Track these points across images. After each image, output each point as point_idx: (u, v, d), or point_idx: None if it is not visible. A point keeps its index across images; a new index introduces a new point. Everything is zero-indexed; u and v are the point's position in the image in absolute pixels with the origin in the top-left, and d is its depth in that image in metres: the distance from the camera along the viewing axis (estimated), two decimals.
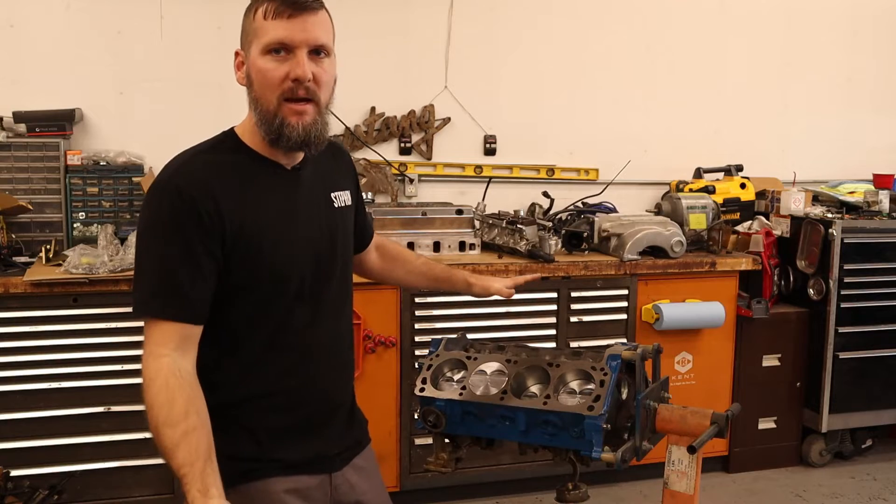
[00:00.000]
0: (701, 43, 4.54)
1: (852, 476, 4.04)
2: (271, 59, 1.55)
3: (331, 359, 1.74)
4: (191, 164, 1.58)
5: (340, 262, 1.75)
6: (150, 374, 1.46)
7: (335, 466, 1.73)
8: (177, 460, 1.40)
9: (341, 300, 1.77)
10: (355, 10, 3.92)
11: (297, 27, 1.53)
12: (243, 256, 1.56)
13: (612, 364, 1.62)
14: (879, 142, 4.90)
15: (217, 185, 1.54)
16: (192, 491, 1.38)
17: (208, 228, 1.52)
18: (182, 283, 1.50)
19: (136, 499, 3.23)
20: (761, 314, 3.89)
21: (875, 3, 4.84)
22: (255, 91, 1.58)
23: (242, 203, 1.56)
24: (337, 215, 1.75)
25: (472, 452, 1.81)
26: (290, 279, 1.62)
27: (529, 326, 3.61)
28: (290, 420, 1.66)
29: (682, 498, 1.62)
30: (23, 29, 3.64)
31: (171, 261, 1.50)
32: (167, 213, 1.52)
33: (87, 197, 3.50)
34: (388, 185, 4.04)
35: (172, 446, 1.41)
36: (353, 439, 1.81)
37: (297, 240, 1.63)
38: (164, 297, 1.50)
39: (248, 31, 1.60)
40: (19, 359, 3.08)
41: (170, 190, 1.53)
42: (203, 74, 3.81)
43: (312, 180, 1.70)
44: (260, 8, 1.56)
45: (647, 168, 4.44)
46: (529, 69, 4.28)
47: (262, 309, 1.61)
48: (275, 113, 1.56)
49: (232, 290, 1.57)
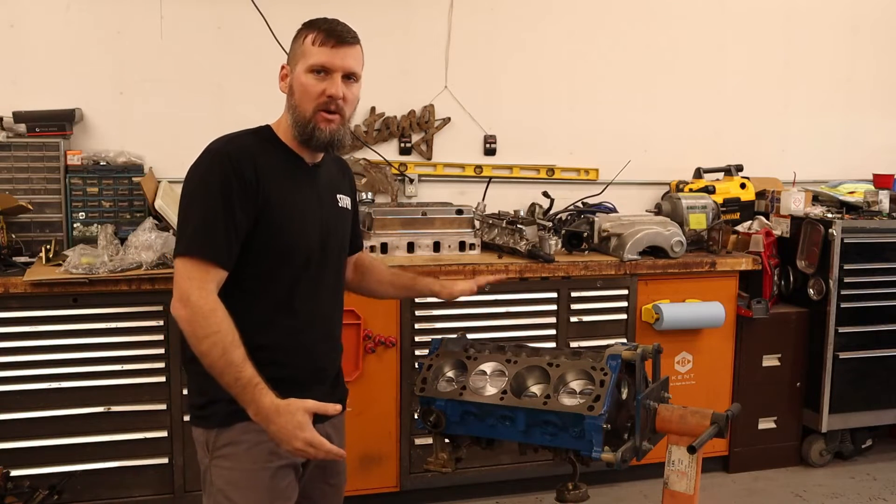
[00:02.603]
0: (701, 43, 4.54)
1: (852, 476, 4.04)
2: (313, 77, 1.91)
3: (325, 330, 2.04)
4: (239, 139, 1.93)
5: (338, 250, 2.07)
6: (210, 304, 1.76)
7: (323, 418, 1.88)
8: (247, 373, 1.71)
9: (336, 283, 2.08)
10: (355, 9, 3.90)
11: (337, 56, 1.91)
12: (267, 224, 1.87)
13: (612, 364, 1.63)
14: (879, 142, 4.90)
15: (258, 159, 1.88)
16: (265, 399, 1.70)
17: (247, 191, 1.83)
18: (222, 232, 1.81)
19: (136, 499, 3.23)
20: (761, 314, 3.89)
21: (875, 3, 4.84)
22: (294, 100, 1.93)
23: (273, 179, 1.89)
24: (340, 212, 2.09)
25: (472, 452, 1.82)
26: (298, 252, 1.92)
27: (529, 326, 3.60)
28: (284, 373, 1.87)
29: (682, 498, 1.62)
30: (23, 29, 3.64)
31: (216, 213, 1.81)
32: (218, 173, 1.83)
33: (87, 197, 3.50)
34: (388, 185, 4.04)
35: (242, 361, 1.72)
36: (339, 396, 2.08)
37: (309, 221, 1.95)
38: (208, 240, 1.80)
39: (296, 51, 1.95)
40: (19, 359, 3.08)
41: (221, 155, 1.86)
42: (203, 74, 3.81)
43: (325, 179, 2.06)
44: (310, 35, 1.92)
45: (647, 168, 4.44)
46: (529, 69, 4.28)
47: (274, 273, 1.90)
48: (310, 119, 1.92)
49: (252, 251, 1.87)
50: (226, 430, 1.88)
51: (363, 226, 3.61)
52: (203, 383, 1.88)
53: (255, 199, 1.85)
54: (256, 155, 1.89)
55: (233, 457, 1.89)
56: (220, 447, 1.90)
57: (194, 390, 1.97)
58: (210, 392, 1.86)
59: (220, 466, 1.90)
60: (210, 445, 1.91)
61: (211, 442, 1.91)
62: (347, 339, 3.32)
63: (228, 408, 1.82)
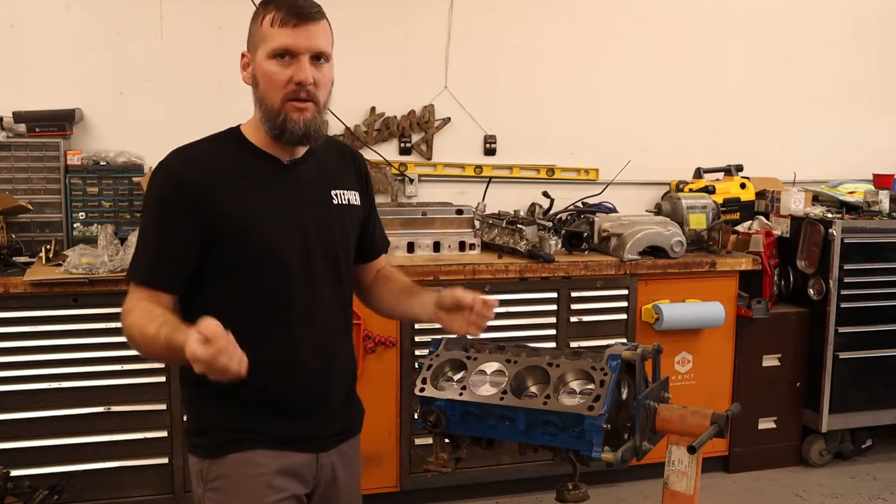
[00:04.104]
0: (701, 43, 4.54)
1: (852, 476, 4.04)
2: (276, 63, 1.68)
3: (321, 348, 1.79)
4: (191, 149, 1.75)
5: (333, 255, 1.80)
6: (128, 308, 1.66)
7: (325, 447, 1.80)
8: (162, 333, 1.55)
9: (337, 293, 1.82)
10: (355, 9, 3.92)
11: (301, 35, 1.67)
12: (225, 237, 1.69)
13: (612, 364, 1.62)
14: (879, 142, 4.90)
15: (208, 170, 1.70)
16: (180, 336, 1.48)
17: (189, 207, 1.66)
18: (159, 255, 1.69)
19: (136, 499, 3.23)
20: (761, 314, 3.89)
21: (875, 3, 4.83)
22: (260, 91, 1.72)
23: (233, 189, 1.70)
24: (335, 211, 1.82)
25: (472, 452, 1.81)
26: (274, 262, 1.71)
27: (529, 326, 3.60)
28: (282, 399, 1.74)
29: (682, 498, 1.62)
30: (23, 29, 3.63)
31: (153, 234, 1.70)
32: (156, 191, 1.70)
33: (87, 197, 3.50)
34: (388, 185, 4.04)
35: (156, 329, 1.56)
36: (347, 423, 1.89)
37: (284, 226, 1.73)
38: (145, 264, 1.70)
39: (255, 35, 1.72)
40: (19, 359, 3.08)
41: (162, 170, 1.71)
42: (203, 74, 3.81)
43: (311, 176, 1.80)
44: (267, 15, 1.69)
45: (647, 168, 4.44)
46: (529, 69, 4.28)
47: (248, 289, 1.72)
48: (279, 111, 1.69)
49: (219, 269, 1.71)
50: (218, 461, 1.74)
51: None
52: (196, 409, 1.79)
53: (202, 214, 1.67)
54: (207, 165, 1.71)
55: (225, 490, 1.74)
56: (213, 479, 1.75)
57: (190, 416, 1.84)
58: (201, 420, 1.77)
59: (212, 500, 1.75)
60: (203, 476, 1.77)
61: (204, 472, 1.77)
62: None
63: (220, 437, 1.73)
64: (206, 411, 1.74)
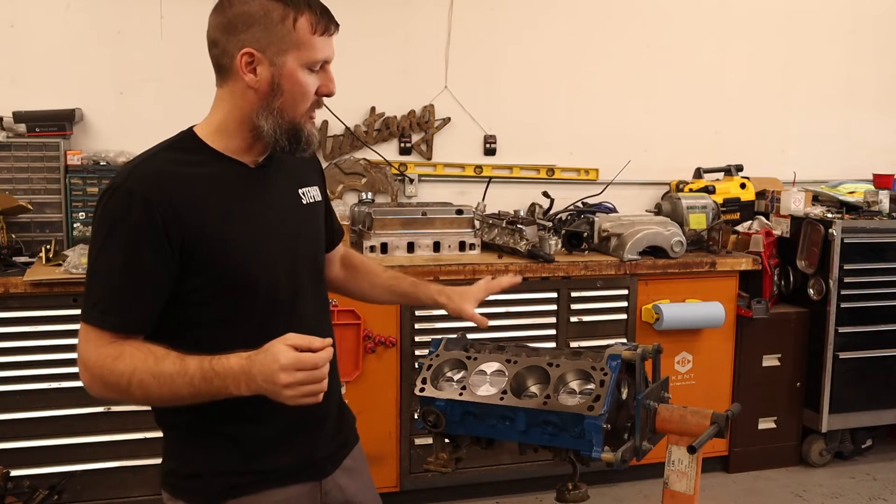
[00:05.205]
0: (701, 43, 4.54)
1: (852, 476, 4.04)
2: (312, 74, 1.54)
3: None
4: (149, 163, 1.54)
5: (313, 259, 1.71)
6: (112, 354, 1.43)
7: (325, 471, 1.72)
8: (191, 368, 1.39)
9: (320, 298, 1.75)
10: (356, 10, 3.92)
11: (332, 45, 1.56)
12: (208, 261, 1.50)
13: (612, 364, 1.62)
14: (879, 142, 4.90)
15: (174, 185, 1.49)
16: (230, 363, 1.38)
17: (162, 234, 1.45)
18: (123, 292, 1.46)
19: (136, 499, 3.23)
20: (761, 314, 3.89)
21: (875, 3, 4.84)
22: (282, 100, 1.53)
23: (204, 206, 1.50)
24: (307, 212, 1.71)
25: (472, 452, 1.81)
26: (261, 281, 1.56)
27: (529, 326, 3.61)
28: (275, 428, 1.60)
29: (682, 498, 1.62)
30: (23, 29, 3.64)
31: (115, 269, 1.45)
32: (116, 217, 1.45)
33: (87, 197, 3.50)
34: (388, 185, 4.04)
35: (179, 366, 1.40)
36: (340, 441, 1.80)
37: (265, 241, 1.58)
38: (111, 307, 1.45)
39: (281, 38, 1.51)
40: (19, 359, 3.08)
41: (121, 192, 1.46)
42: (203, 74, 3.76)
43: (279, 178, 1.65)
44: (302, 18, 1.50)
45: (647, 168, 4.44)
46: (529, 69, 4.28)
47: (236, 312, 1.55)
48: (299, 122, 1.55)
49: (199, 294, 1.52)
50: None
51: (363, 226, 3.61)
52: (186, 451, 1.61)
53: (180, 241, 1.47)
54: (173, 178, 1.49)
55: None
56: None
57: (177, 458, 1.63)
58: (194, 462, 1.59)
59: None
60: None
61: None
62: (347, 339, 3.33)
63: (221, 483, 1.57)
64: (198, 453, 1.58)
